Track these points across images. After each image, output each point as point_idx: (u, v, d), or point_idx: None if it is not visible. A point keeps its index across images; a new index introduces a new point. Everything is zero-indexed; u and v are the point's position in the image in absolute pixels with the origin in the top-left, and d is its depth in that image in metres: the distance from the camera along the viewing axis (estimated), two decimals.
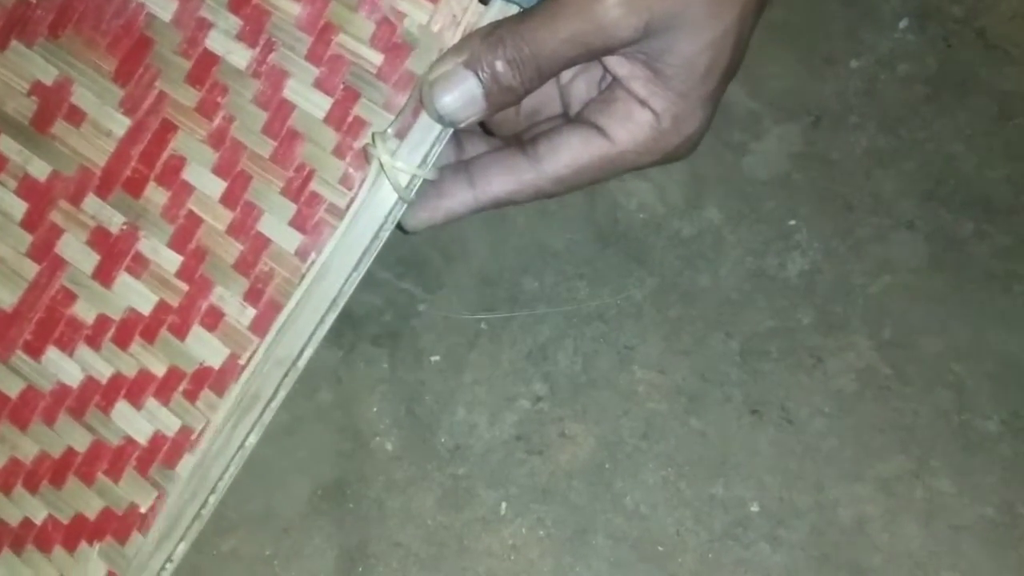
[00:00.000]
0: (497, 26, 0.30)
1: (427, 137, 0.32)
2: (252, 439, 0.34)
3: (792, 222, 0.47)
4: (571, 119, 0.34)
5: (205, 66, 0.34)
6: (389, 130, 0.32)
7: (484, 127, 0.36)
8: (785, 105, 0.49)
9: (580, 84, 0.34)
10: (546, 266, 0.47)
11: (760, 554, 0.42)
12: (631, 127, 0.31)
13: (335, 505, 0.43)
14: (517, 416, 0.44)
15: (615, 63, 0.31)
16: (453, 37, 0.32)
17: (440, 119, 0.31)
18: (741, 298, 0.46)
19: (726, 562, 0.42)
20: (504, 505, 0.43)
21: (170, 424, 0.34)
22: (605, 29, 0.29)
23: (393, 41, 0.33)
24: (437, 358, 0.45)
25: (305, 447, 0.44)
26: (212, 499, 0.34)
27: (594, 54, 0.30)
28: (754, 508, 0.42)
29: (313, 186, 0.33)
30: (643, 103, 0.31)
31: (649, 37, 0.29)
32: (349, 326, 0.46)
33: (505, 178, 0.33)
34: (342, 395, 0.45)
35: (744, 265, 0.46)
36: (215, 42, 0.34)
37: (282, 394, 0.34)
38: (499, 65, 0.30)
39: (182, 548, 0.34)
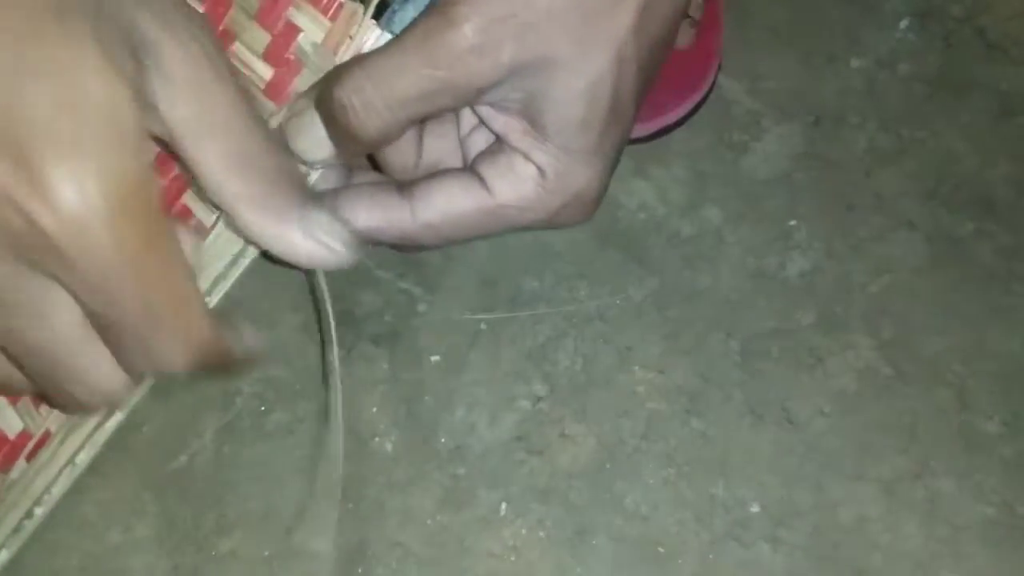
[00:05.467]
0: (345, 64, 0.27)
1: None
2: (83, 456, 0.32)
3: (792, 222, 0.47)
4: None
5: None
6: None
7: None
8: (785, 105, 0.49)
9: (479, 137, 0.32)
10: (546, 266, 0.46)
11: (761, 555, 0.42)
12: (513, 180, 0.29)
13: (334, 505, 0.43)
14: (517, 416, 0.44)
15: (489, 116, 0.29)
16: (346, 58, 0.29)
17: (300, 160, 0.29)
18: (741, 298, 0.46)
19: (727, 563, 0.42)
20: (504, 505, 0.43)
21: (14, 425, 0.32)
22: (457, 70, 0.26)
23: (285, 56, 0.30)
24: (437, 358, 0.45)
25: (304, 447, 0.44)
26: (38, 511, 0.32)
27: (451, 102, 0.27)
28: (755, 509, 0.42)
29: (185, 199, 0.31)
30: (527, 157, 0.29)
31: (514, 82, 0.27)
32: (349, 326, 0.46)
33: (370, 212, 0.30)
34: (341, 395, 0.45)
35: (744, 265, 0.46)
36: None
37: (119, 415, 0.31)
38: (338, 106, 0.26)
39: (3, 556, 0.32)
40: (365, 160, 0.33)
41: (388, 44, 0.27)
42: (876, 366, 0.44)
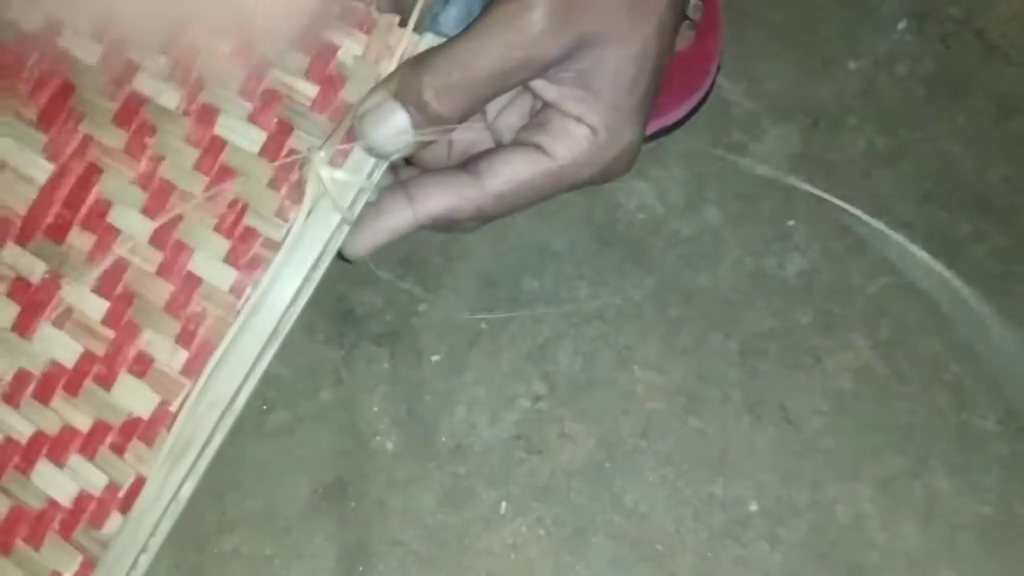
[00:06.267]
0: (426, 54, 0.30)
1: (365, 163, 0.31)
2: (186, 489, 0.32)
3: (791, 222, 0.47)
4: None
5: (132, 107, 0.33)
6: (322, 153, 0.31)
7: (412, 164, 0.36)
8: (784, 106, 0.49)
9: (510, 117, 0.34)
10: (546, 266, 0.47)
11: (759, 553, 0.42)
12: (569, 142, 0.32)
13: (336, 504, 0.43)
14: (517, 415, 0.44)
15: (543, 88, 0.32)
16: (389, 66, 0.31)
17: (371, 151, 0.31)
18: (740, 298, 0.46)
19: (725, 561, 0.42)
20: (504, 504, 0.43)
21: (96, 481, 0.32)
22: (533, 48, 0.29)
23: (327, 73, 0.32)
24: (437, 358, 0.46)
25: (306, 446, 0.44)
26: (143, 559, 0.32)
27: (525, 76, 0.30)
28: (753, 507, 0.42)
29: (247, 221, 0.32)
30: (579, 120, 0.32)
31: (576, 55, 0.30)
32: (350, 325, 0.46)
33: (445, 194, 0.33)
34: (343, 394, 0.45)
35: (743, 265, 0.46)
36: (143, 84, 0.33)
37: (218, 438, 0.32)
38: (426, 94, 0.29)
39: None
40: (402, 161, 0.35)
41: (460, 36, 0.29)
42: (874, 366, 0.44)
